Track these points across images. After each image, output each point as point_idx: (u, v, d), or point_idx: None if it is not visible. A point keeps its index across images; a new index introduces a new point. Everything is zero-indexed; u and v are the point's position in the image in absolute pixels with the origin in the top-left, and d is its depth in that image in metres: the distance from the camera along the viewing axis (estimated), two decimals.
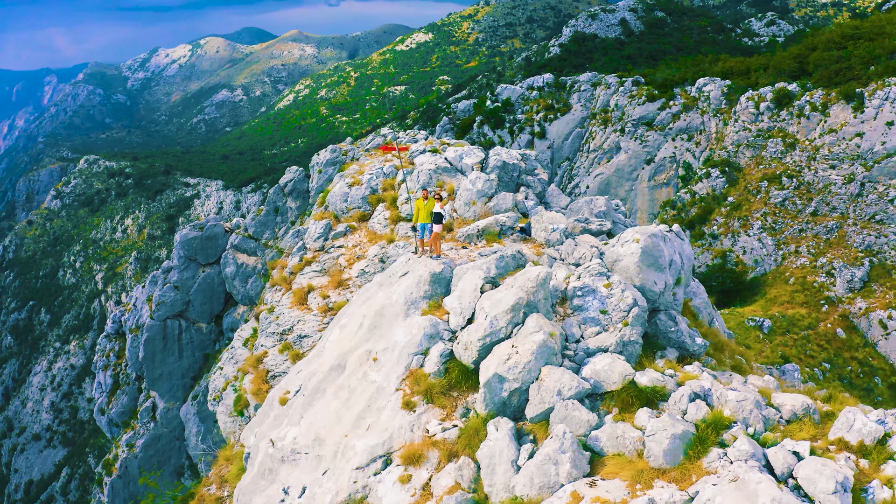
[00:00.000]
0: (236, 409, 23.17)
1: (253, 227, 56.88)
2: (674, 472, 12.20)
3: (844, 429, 12.72)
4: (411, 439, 14.72)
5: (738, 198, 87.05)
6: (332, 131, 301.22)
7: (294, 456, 16.25)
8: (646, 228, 18.53)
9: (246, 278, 57.03)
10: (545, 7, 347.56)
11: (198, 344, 60.09)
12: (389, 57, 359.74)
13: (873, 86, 66.59)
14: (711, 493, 11.13)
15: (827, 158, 70.81)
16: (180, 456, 59.84)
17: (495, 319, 15.00)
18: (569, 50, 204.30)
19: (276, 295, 25.54)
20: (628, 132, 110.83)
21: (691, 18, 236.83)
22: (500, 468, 13.26)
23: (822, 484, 11.06)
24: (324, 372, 17.32)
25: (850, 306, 59.76)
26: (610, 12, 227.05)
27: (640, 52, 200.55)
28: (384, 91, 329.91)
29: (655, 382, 13.86)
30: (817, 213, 71.29)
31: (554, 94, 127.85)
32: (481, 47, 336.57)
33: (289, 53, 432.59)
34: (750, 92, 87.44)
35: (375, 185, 27.90)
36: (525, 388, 14.32)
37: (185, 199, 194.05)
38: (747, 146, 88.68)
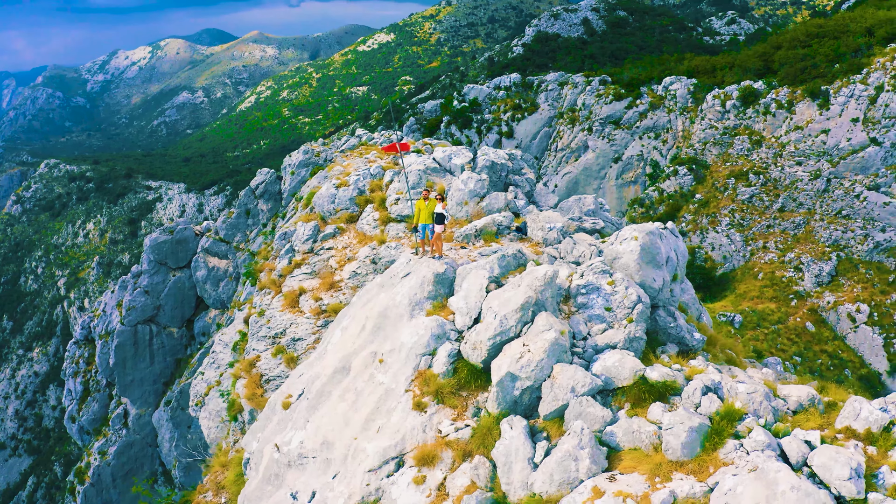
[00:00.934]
0: (230, 414, 22.87)
1: (224, 229, 56.32)
2: (691, 465, 12.40)
3: (851, 417, 13.03)
4: (424, 440, 14.71)
5: (705, 195, 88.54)
6: (294, 132, 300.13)
7: (301, 460, 16.12)
8: (643, 226, 18.79)
9: (217, 282, 56.51)
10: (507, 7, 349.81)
11: (169, 349, 59.31)
12: (351, 57, 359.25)
13: (838, 83, 68.36)
14: (732, 484, 11.32)
15: (793, 155, 72.51)
16: (153, 462, 59.00)
17: (505, 318, 15.07)
18: (532, 50, 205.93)
19: (266, 298, 25.29)
20: (596, 131, 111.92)
21: (653, 18, 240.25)
22: (517, 466, 13.33)
23: (838, 471, 11.32)
24: (327, 375, 17.21)
25: (818, 300, 61.28)
26: (572, 12, 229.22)
27: (602, 51, 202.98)
28: (346, 92, 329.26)
29: (666, 377, 14.07)
30: (784, 209, 72.94)
31: (521, 93, 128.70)
32: (443, 47, 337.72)
33: (250, 55, 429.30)
34: (716, 90, 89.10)
35: (363, 186, 27.79)
36: (537, 386, 14.42)
37: (147, 202, 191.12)
38: (714, 144, 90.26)
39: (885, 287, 57.18)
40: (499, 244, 19.91)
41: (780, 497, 10.86)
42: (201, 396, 34.98)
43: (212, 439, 32.05)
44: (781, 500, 10.81)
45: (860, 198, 63.02)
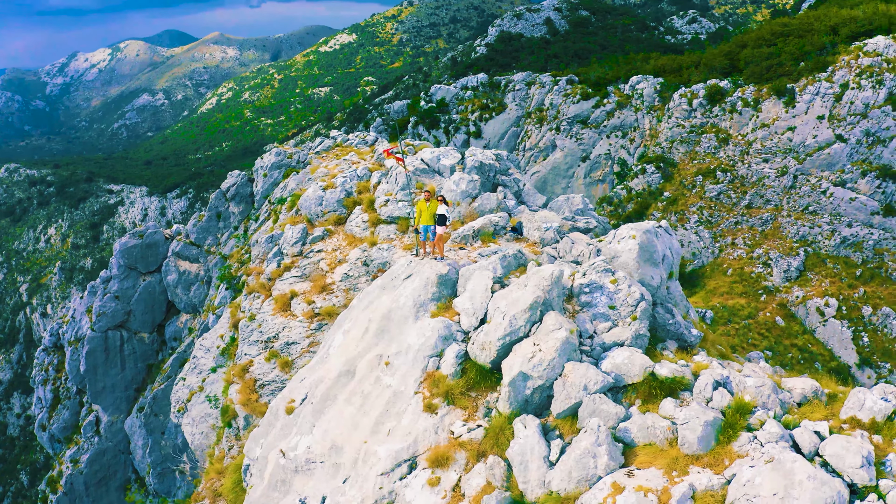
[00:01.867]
0: (223, 420, 22.59)
1: (195, 233, 55.78)
2: (707, 458, 12.64)
3: (856, 408, 13.40)
4: (436, 441, 14.73)
5: (673, 192, 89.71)
6: (257, 134, 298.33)
7: (309, 466, 16.01)
8: (640, 225, 19.07)
9: (189, 286, 55.90)
10: (469, 7, 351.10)
11: (140, 355, 58.55)
12: (313, 58, 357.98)
13: (804, 81, 69.90)
14: (751, 475, 11.59)
15: (760, 152, 73.98)
16: (126, 470, 58.23)
17: (514, 318, 15.16)
18: (495, 49, 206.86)
19: (256, 302, 25.02)
20: (564, 130, 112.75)
21: (615, 17, 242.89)
22: (533, 465, 13.43)
23: (850, 459, 11.66)
24: (332, 379, 17.12)
25: (787, 295, 62.59)
26: (535, 12, 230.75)
27: (565, 50, 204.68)
28: (308, 92, 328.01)
29: (675, 373, 14.30)
30: (752, 206, 74.34)
31: (488, 93, 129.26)
32: (405, 48, 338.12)
33: (210, 56, 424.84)
34: (683, 89, 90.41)
35: (350, 187, 27.66)
36: (548, 385, 14.53)
37: (109, 206, 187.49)
38: (681, 142, 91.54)
39: (853, 281, 58.68)
40: (496, 244, 20.01)
41: (797, 486, 11.18)
42: (183, 402, 34.51)
43: (196, 445, 31.64)
44: (799, 490, 11.13)
45: (826, 194, 64.57)
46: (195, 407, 32.90)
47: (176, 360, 52.87)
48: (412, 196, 25.26)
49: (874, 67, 64.27)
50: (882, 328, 54.48)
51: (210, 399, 29.48)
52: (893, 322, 54.00)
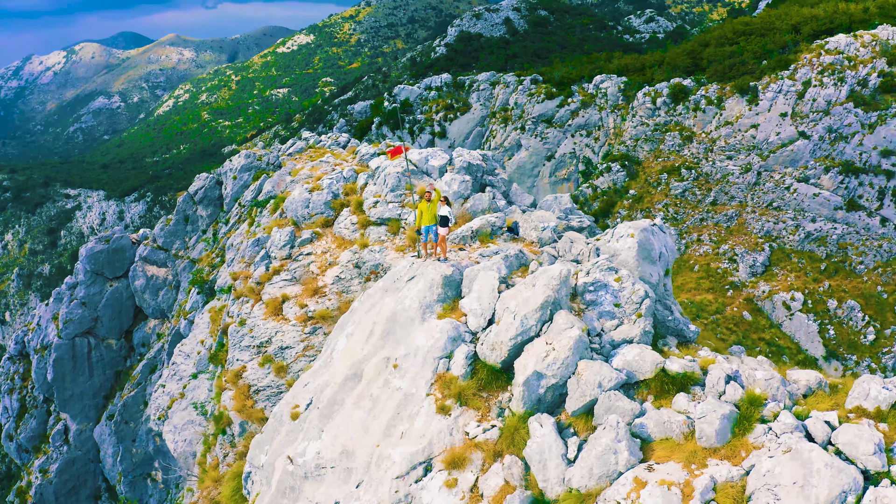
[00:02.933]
0: (217, 427, 22.24)
1: (162, 237, 55.26)
2: (724, 450, 12.90)
3: (861, 397, 13.78)
4: (451, 443, 14.74)
5: (639, 190, 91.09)
6: (215, 136, 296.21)
7: (319, 471, 15.87)
8: (637, 223, 19.35)
9: (157, 291, 55.27)
10: (426, 7, 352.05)
11: (108, 361, 57.67)
12: (271, 59, 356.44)
13: (767, 79, 71.64)
14: (770, 465, 11.88)
15: (724, 150, 75.61)
16: (96, 478, 57.32)
17: (525, 318, 15.25)
18: (455, 49, 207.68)
19: (245, 307, 24.69)
20: (528, 130, 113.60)
21: (573, 17, 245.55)
22: (552, 463, 13.53)
23: (863, 447, 12.03)
24: (337, 383, 17.00)
25: (753, 290, 64.11)
26: (494, 11, 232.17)
27: (525, 50, 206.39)
28: (266, 94, 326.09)
29: (686, 368, 14.55)
30: (717, 203, 75.93)
31: (452, 93, 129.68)
32: (364, 48, 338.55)
33: (167, 58, 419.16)
34: (646, 88, 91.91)
35: (336, 189, 27.48)
36: (562, 384, 14.65)
37: (66, 211, 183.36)
38: (646, 140, 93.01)
39: (818, 275, 60.35)
40: (495, 245, 20.10)
41: (816, 474, 11.50)
42: (164, 409, 33.99)
43: (179, 453, 31.17)
44: (818, 478, 11.45)
45: (790, 190, 66.28)
46: (177, 414, 32.39)
47: (146, 367, 52.22)
48: (402, 197, 25.23)
49: (836, 65, 66.22)
50: (847, 321, 56.16)
51: (196, 406, 29.04)
52: (858, 315, 55.70)
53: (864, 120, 62.94)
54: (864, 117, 63.03)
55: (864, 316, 55.32)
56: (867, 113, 63.17)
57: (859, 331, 55.09)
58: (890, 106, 62.41)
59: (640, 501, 12.20)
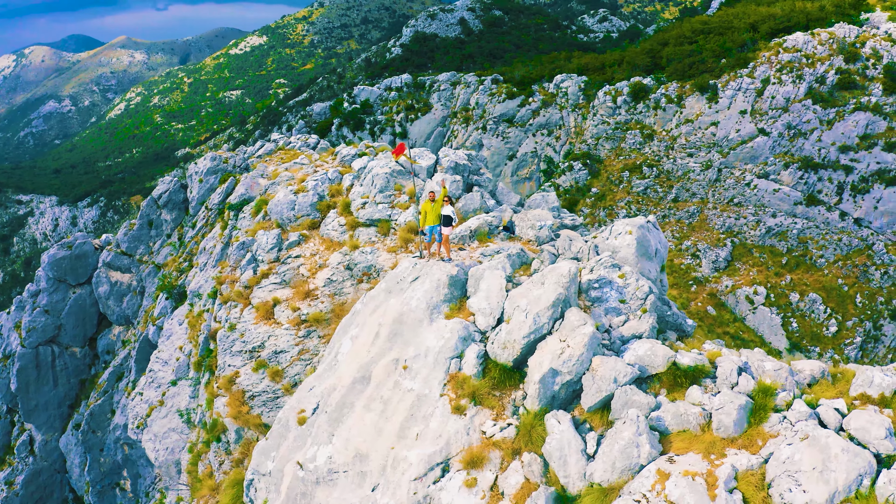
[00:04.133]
0: (212, 435, 21.83)
1: (125, 242, 54.48)
2: (741, 440, 13.23)
3: (866, 385, 14.27)
4: (469, 443, 14.76)
5: (601, 188, 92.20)
6: (167, 139, 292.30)
7: (331, 476, 15.72)
8: (634, 220, 19.66)
9: (121, 297, 54.50)
10: (380, 8, 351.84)
11: (73, 370, 56.53)
12: (223, 61, 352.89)
13: (726, 77, 73.22)
14: (790, 452, 12.23)
15: (685, 147, 77.06)
16: (63, 489, 56.08)
17: (538, 316, 15.36)
18: (410, 50, 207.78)
19: (234, 311, 24.29)
20: (490, 129, 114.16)
21: (528, 16, 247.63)
22: (572, 459, 13.66)
23: (875, 431, 12.48)
24: (345, 386, 16.86)
25: (717, 285, 65.48)
26: (449, 12, 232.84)
27: (480, 50, 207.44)
28: (219, 96, 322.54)
29: (696, 362, 14.86)
30: (679, 199, 77.30)
31: (413, 94, 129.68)
32: (317, 49, 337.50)
33: (118, 60, 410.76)
34: (607, 87, 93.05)
35: (322, 191, 27.25)
36: (576, 380, 14.80)
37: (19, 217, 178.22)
38: (607, 139, 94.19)
39: (779, 269, 61.94)
40: (494, 244, 20.19)
41: (834, 459, 11.91)
42: (142, 418, 33.32)
43: (161, 462, 30.58)
44: (836, 462, 11.87)
45: (751, 186, 67.91)
46: (157, 422, 31.77)
47: (112, 375, 51.40)
48: (392, 198, 25.14)
49: (794, 63, 68.05)
50: (810, 313, 57.74)
51: (181, 413, 28.50)
52: (820, 307, 57.34)
53: (823, 116, 64.98)
54: (823, 114, 65.08)
55: (825, 308, 57.01)
56: (825, 109, 65.21)
57: (821, 323, 56.75)
58: (847, 102, 64.54)
59: (665, 493, 12.42)
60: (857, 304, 56.59)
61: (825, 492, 11.73)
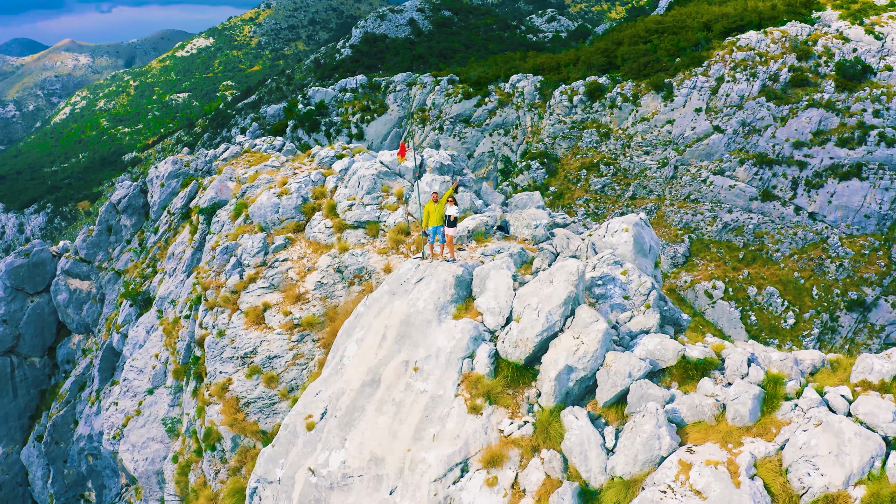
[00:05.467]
0: (207, 443, 21.43)
1: (84, 249, 53.60)
2: (755, 428, 13.66)
3: (866, 371, 14.86)
4: (487, 442, 14.87)
5: (559, 187, 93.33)
6: (114, 143, 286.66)
7: (346, 481, 15.64)
8: (628, 218, 20.05)
9: (80, 305, 53.69)
10: (327, 9, 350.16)
11: (32, 381, 55.07)
12: (169, 64, 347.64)
13: (681, 76, 74.93)
14: (805, 438, 12.71)
15: (641, 145, 78.64)
16: (25, 503, 54.48)
17: (550, 314, 15.57)
18: (360, 51, 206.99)
19: (222, 317, 23.89)
20: (447, 130, 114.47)
21: (477, 17, 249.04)
22: (592, 453, 13.89)
23: (882, 416, 13.07)
24: (354, 389, 16.79)
25: (676, 280, 66.99)
26: (398, 12, 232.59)
27: (430, 50, 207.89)
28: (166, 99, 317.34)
29: (705, 354, 15.27)
30: (636, 197, 78.84)
31: (369, 94, 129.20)
32: (265, 51, 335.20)
33: (62, 64, 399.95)
34: (563, 86, 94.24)
35: (306, 193, 26.99)
36: (590, 376, 15.06)
37: None
38: (563, 138, 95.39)
39: (736, 263, 63.73)
40: (492, 244, 20.34)
41: (848, 443, 12.44)
42: (118, 428, 32.54)
43: (141, 472, 29.94)
44: (850, 446, 12.41)
45: (707, 182, 69.72)
46: (134, 432, 31.07)
47: (74, 384, 50.29)
48: (380, 199, 25.09)
49: (748, 61, 70.06)
50: (767, 306, 59.55)
51: (165, 422, 27.91)
52: (778, 300, 59.17)
53: (776, 113, 67.17)
54: (776, 111, 67.27)
55: (783, 301, 58.90)
56: (779, 107, 67.42)
57: (779, 315, 58.58)
58: (801, 99, 66.88)
59: (690, 482, 12.74)
60: (813, 297, 58.63)
61: (842, 474, 12.22)
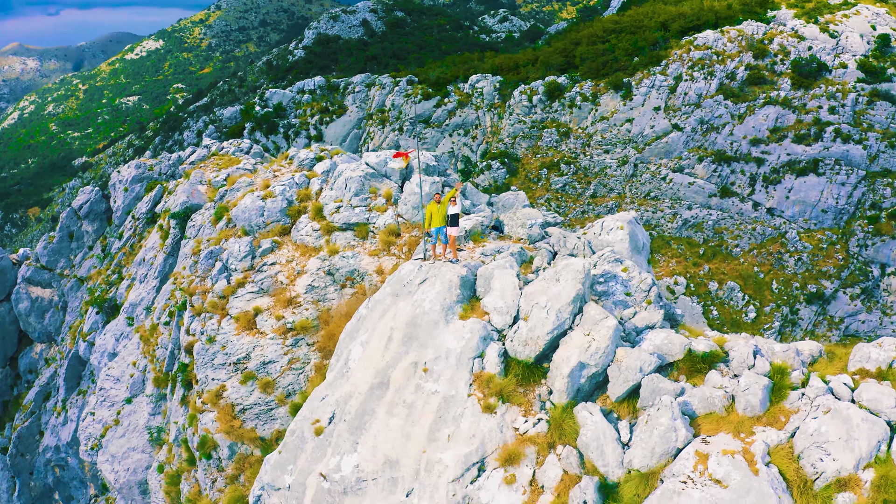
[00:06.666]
0: (202, 452, 21.09)
1: (45, 256, 52.61)
2: (765, 418, 14.14)
3: (864, 360, 15.48)
4: (503, 440, 15.02)
5: (520, 186, 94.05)
6: (64, 148, 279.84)
7: (360, 485, 15.59)
8: (622, 216, 20.45)
9: (42, 313, 52.84)
10: (278, 10, 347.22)
11: None
12: (119, 67, 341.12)
13: (639, 75, 76.32)
14: (816, 425, 13.23)
15: (601, 144, 79.84)
16: None
17: (559, 312, 15.80)
18: (313, 52, 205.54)
19: (210, 323, 23.51)
20: (407, 130, 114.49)
21: (430, 17, 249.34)
22: (608, 448, 14.17)
23: (885, 401, 13.68)
24: (363, 393, 16.74)
25: None
26: (351, 13, 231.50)
27: (384, 51, 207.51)
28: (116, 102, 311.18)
29: (710, 348, 15.71)
30: (597, 195, 79.98)
31: (327, 96, 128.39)
32: (215, 53, 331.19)
33: (10, 68, 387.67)
34: (522, 86, 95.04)
35: (290, 196, 26.73)
36: (601, 372, 15.34)
37: None
38: (524, 137, 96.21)
39: (697, 259, 65.18)
40: (488, 244, 20.48)
41: (856, 429, 13.01)
42: (96, 439, 31.86)
43: (123, 483, 29.38)
44: (858, 431, 12.98)
45: (666, 180, 71.19)
46: (113, 442, 30.46)
47: (38, 395, 49.24)
48: (368, 201, 25.03)
49: (705, 60, 71.74)
50: (729, 301, 61.07)
51: (150, 431, 27.36)
52: (739, 295, 60.71)
53: (734, 111, 69.04)
54: (734, 108, 69.14)
55: (743, 296, 60.52)
56: (736, 104, 69.32)
57: (741, 310, 60.15)
58: (757, 97, 68.88)
59: (709, 472, 13.10)
60: (773, 291, 60.39)
61: (852, 459, 12.76)
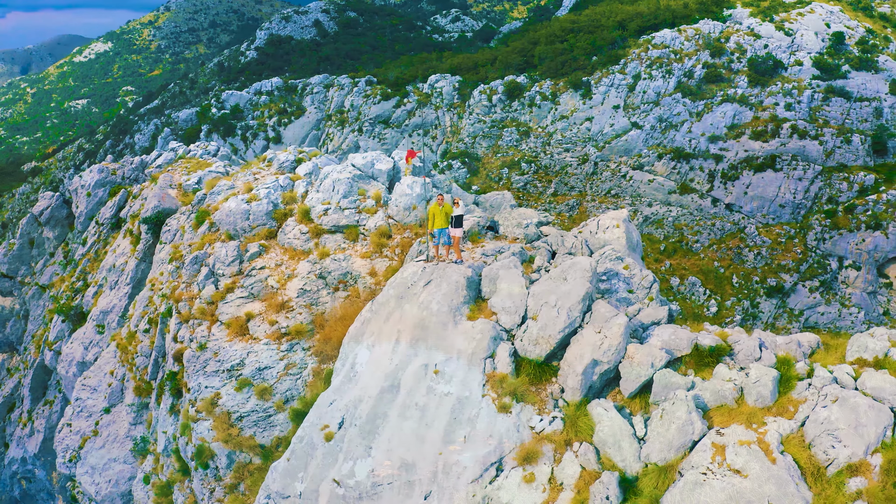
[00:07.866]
0: (199, 462, 20.67)
1: (5, 263, 51.42)
2: (774, 408, 14.57)
3: (861, 350, 16.07)
4: (520, 440, 15.13)
5: (482, 186, 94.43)
6: (12, 154, 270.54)
7: (376, 490, 15.51)
8: (618, 214, 20.80)
9: (3, 322, 51.70)
10: (228, 11, 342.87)
11: None
12: (67, 69, 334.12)
13: (598, 74, 77.35)
14: (826, 414, 13.73)
15: (561, 143, 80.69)
16: None
17: (570, 311, 16.00)
18: (266, 53, 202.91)
19: (200, 329, 23.06)
20: (366, 131, 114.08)
21: (382, 17, 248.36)
22: (625, 443, 14.44)
23: (889, 389, 14.27)
24: (373, 396, 16.65)
25: None
26: (303, 14, 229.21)
27: (337, 52, 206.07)
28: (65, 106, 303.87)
29: (716, 342, 16.09)
30: (558, 193, 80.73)
31: (285, 97, 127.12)
32: (165, 54, 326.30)
33: None
34: (482, 86, 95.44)
35: (276, 199, 26.39)
36: (612, 368, 15.60)
37: None
38: (484, 137, 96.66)
39: (658, 255, 66.30)
40: (486, 244, 20.59)
41: (863, 415, 13.56)
42: (75, 450, 31.05)
43: (105, 495, 28.71)
44: (865, 417, 13.53)
45: (626, 177, 72.37)
46: (93, 453, 29.70)
47: (2, 406, 47.89)
48: (358, 203, 24.89)
49: (663, 59, 73.05)
50: (690, 296, 62.30)
51: (135, 441, 26.72)
52: (700, 290, 62.01)
53: (692, 109, 70.59)
54: (692, 106, 70.71)
55: (705, 290, 61.89)
56: (694, 102, 70.91)
57: (702, 304, 61.44)
58: (715, 95, 70.56)
59: (727, 462, 13.46)
60: (734, 285, 61.93)
61: (862, 445, 13.28)
